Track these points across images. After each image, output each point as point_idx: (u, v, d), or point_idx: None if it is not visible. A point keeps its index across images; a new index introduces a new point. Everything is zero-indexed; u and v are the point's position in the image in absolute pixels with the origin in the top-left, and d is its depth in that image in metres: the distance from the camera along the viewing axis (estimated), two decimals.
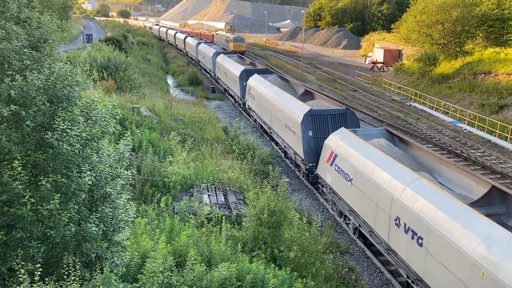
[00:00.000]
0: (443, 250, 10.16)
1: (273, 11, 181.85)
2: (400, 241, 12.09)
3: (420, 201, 11.34)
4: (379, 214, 13.22)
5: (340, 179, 15.94)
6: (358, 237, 15.87)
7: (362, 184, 14.27)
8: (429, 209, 10.89)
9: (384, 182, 12.96)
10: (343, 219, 17.11)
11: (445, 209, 10.55)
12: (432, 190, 11.42)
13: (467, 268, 9.34)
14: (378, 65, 58.69)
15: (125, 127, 19.38)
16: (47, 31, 7.69)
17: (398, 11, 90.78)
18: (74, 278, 6.64)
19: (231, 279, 9.40)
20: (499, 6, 44.63)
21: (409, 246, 11.61)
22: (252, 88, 29.07)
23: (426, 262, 10.86)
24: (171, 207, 13.83)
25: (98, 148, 7.72)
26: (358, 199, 14.65)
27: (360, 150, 14.88)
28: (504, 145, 27.66)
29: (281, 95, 23.84)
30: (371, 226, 13.88)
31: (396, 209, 12.17)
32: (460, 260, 9.56)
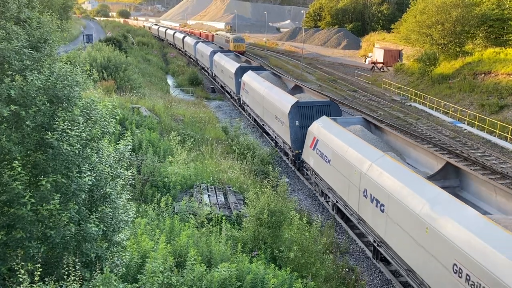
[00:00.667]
0: (399, 213, 12.02)
1: (273, 11, 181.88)
2: (367, 210, 13.97)
3: (383, 174, 13.12)
4: (351, 189, 15.12)
5: (321, 162, 17.77)
6: (336, 212, 17.52)
7: (338, 164, 16.13)
8: (390, 180, 12.70)
9: (355, 160, 14.82)
10: (324, 198, 18.81)
11: (402, 179, 12.35)
12: (393, 165, 13.25)
13: (415, 225, 11.19)
14: (378, 65, 58.70)
15: (125, 127, 19.38)
16: (47, 31, 7.69)
17: (398, 11, 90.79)
18: (74, 278, 6.64)
19: (231, 279, 9.40)
20: (499, 6, 44.65)
21: (374, 213, 13.43)
22: (246, 84, 30.71)
23: (386, 225, 12.72)
24: (171, 207, 13.83)
25: (98, 148, 7.72)
26: (335, 177, 16.52)
27: (338, 135, 16.68)
28: (504, 145, 27.66)
29: (272, 89, 25.46)
30: (345, 200, 15.82)
31: (364, 183, 14.03)
32: (410, 220, 11.42)
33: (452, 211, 10.36)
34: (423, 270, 11.08)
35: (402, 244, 11.98)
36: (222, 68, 40.27)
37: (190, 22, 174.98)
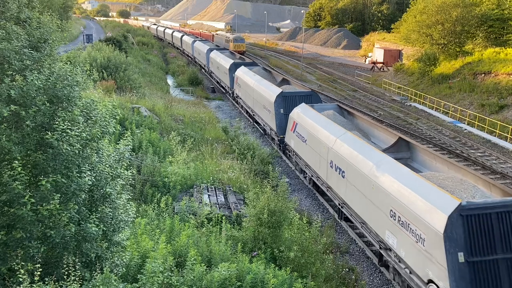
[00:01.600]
0: (354, 176, 14.71)
1: (273, 11, 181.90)
2: (333, 178, 16.66)
3: (344, 147, 15.83)
4: (321, 162, 17.83)
5: (299, 142, 20.42)
6: (312, 186, 20.13)
7: (312, 142, 18.76)
8: (349, 151, 15.39)
9: (324, 137, 17.50)
10: (303, 174, 21.31)
11: (357, 149, 14.99)
12: (352, 139, 15.89)
13: (365, 184, 13.83)
14: (378, 65, 58.70)
15: (125, 127, 19.38)
16: (47, 31, 7.69)
17: (398, 11, 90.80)
18: (74, 278, 6.64)
19: (231, 279, 9.40)
20: (499, 6, 44.65)
21: (338, 180, 16.21)
22: (239, 78, 33.32)
23: (346, 188, 15.45)
24: (171, 207, 13.83)
25: (98, 148, 7.72)
26: (310, 154, 19.15)
27: (313, 118, 19.32)
28: (504, 145, 27.66)
29: (261, 82, 28.03)
30: (317, 172, 18.46)
31: (331, 155, 16.74)
32: (362, 180, 14.06)
33: (391, 170, 12.90)
34: (370, 219, 13.72)
35: (357, 201, 14.67)
36: (217, 65, 42.45)
37: (190, 22, 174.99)
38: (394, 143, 16.05)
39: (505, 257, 10.18)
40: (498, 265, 10.17)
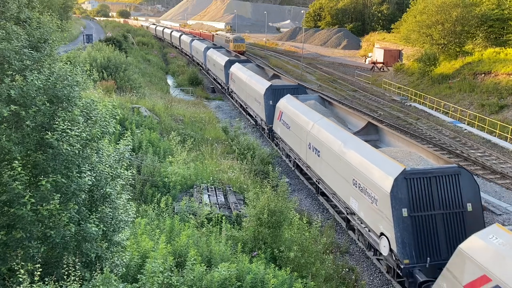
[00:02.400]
0: (327, 154, 17.16)
1: (273, 12, 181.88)
2: (311, 157, 19.11)
3: (320, 130, 18.15)
4: (301, 145, 20.11)
5: (284, 129, 22.61)
6: (296, 168, 22.38)
7: (295, 128, 20.99)
8: (323, 133, 17.76)
9: (304, 123, 19.82)
10: (287, 159, 23.59)
11: (330, 131, 17.46)
12: (327, 123, 18.32)
13: (335, 159, 16.24)
14: (378, 65, 58.70)
15: (125, 127, 19.38)
16: (47, 31, 7.69)
17: (398, 11, 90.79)
18: (74, 278, 6.64)
19: (231, 279, 9.40)
20: (499, 6, 44.65)
21: (315, 159, 18.64)
22: (233, 74, 35.38)
23: (321, 165, 17.88)
24: (171, 207, 13.83)
25: (98, 148, 7.72)
26: (293, 139, 21.40)
27: (296, 107, 21.53)
28: (504, 145, 27.66)
29: (253, 77, 30.17)
30: (299, 154, 20.79)
31: (309, 138, 19.05)
32: (333, 156, 16.47)
33: (354, 146, 15.32)
34: (339, 189, 16.15)
35: (329, 175, 17.10)
36: (214, 62, 44.77)
37: (190, 22, 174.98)
38: (364, 127, 18.66)
39: (440, 212, 12.49)
40: (434, 219, 12.44)
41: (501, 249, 9.02)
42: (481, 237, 9.53)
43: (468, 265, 9.53)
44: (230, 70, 36.55)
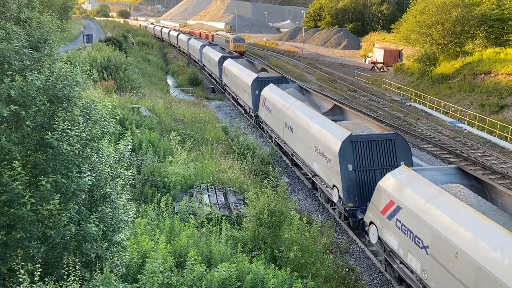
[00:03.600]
0: (299, 130, 20.29)
1: (273, 12, 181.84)
2: (287, 135, 22.37)
3: (294, 111, 21.43)
4: (279, 124, 23.55)
5: (267, 113, 26.00)
6: (276, 145, 25.67)
7: (275, 111, 24.37)
8: (296, 114, 20.98)
9: (282, 106, 23.23)
10: (270, 139, 26.84)
11: (301, 111, 20.74)
12: (300, 105, 21.56)
13: (303, 133, 19.58)
14: (378, 65, 58.69)
15: (125, 127, 19.38)
16: (47, 31, 7.69)
17: (398, 11, 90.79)
18: (74, 278, 6.64)
19: (231, 280, 9.40)
20: (499, 6, 44.65)
21: (289, 135, 21.91)
22: (226, 69, 38.73)
23: (294, 141, 21.17)
24: (171, 207, 13.83)
25: (98, 148, 7.72)
26: (274, 121, 24.69)
27: (277, 94, 24.94)
28: (504, 145, 27.66)
29: (243, 70, 33.51)
30: (278, 133, 24.18)
31: (285, 118, 22.34)
32: (302, 131, 19.78)
33: (318, 121, 18.64)
34: (306, 157, 19.62)
35: (299, 147, 20.54)
36: (209, 59, 48.12)
37: (190, 22, 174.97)
38: (330, 108, 22.44)
39: (378, 168, 15.96)
40: (374, 173, 15.87)
41: (401, 181, 12.56)
42: (392, 175, 13.15)
43: (382, 196, 13.13)
44: (223, 65, 39.61)
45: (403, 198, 12.12)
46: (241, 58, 41.42)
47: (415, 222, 11.52)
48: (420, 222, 11.32)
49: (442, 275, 10.51)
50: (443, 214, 10.67)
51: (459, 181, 12.89)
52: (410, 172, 12.73)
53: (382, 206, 13.08)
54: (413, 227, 11.60)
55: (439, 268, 10.63)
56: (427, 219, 11.05)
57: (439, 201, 11.09)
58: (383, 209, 13.07)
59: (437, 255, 10.70)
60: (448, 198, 11.03)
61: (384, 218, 13.02)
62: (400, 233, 12.23)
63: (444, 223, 10.57)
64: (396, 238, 12.52)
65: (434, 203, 11.13)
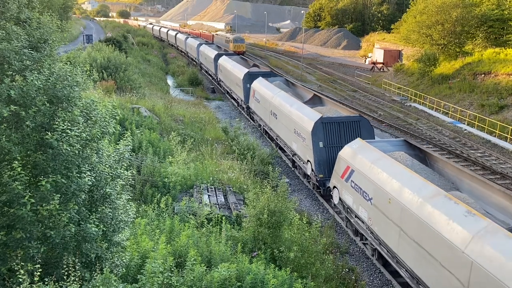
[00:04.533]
0: (281, 117, 23.31)
1: (273, 12, 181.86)
2: (272, 121, 25.32)
3: (278, 100, 24.36)
4: (266, 112, 26.55)
5: (256, 103, 28.88)
6: (264, 133, 28.50)
7: (262, 101, 27.35)
8: (280, 102, 23.98)
9: (268, 96, 26.08)
10: (259, 127, 29.66)
11: (283, 99, 23.83)
12: (284, 95, 24.46)
13: (285, 118, 22.50)
14: (378, 65, 58.70)
15: (125, 127, 19.38)
16: (47, 32, 7.69)
17: (398, 11, 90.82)
18: (74, 279, 6.64)
19: (231, 280, 9.40)
20: (499, 7, 44.65)
21: (274, 122, 24.91)
22: (221, 65, 41.72)
23: (278, 126, 24.16)
24: (171, 207, 13.83)
25: (98, 148, 7.71)
26: (261, 110, 27.71)
27: (264, 86, 27.90)
28: (504, 146, 27.66)
29: (235, 66, 36.65)
30: (265, 121, 27.08)
31: (271, 107, 25.27)
32: (285, 117, 22.62)
33: (297, 107, 21.70)
34: (287, 138, 22.71)
35: (281, 130, 23.63)
36: (205, 56, 51.13)
37: (190, 22, 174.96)
38: (311, 98, 25.39)
39: (344, 145, 17.12)
40: (341, 149, 17.03)
41: (355, 150, 15.60)
42: (349, 145, 16.35)
43: (341, 163, 16.25)
44: (218, 62, 42.63)
45: (356, 163, 15.16)
46: (235, 55, 44.83)
47: (363, 180, 14.48)
48: (366, 180, 14.26)
49: (380, 219, 13.43)
50: (382, 171, 13.62)
51: (404, 150, 15.78)
52: (362, 143, 15.78)
53: (341, 171, 16.21)
54: (362, 184, 14.57)
55: (379, 213, 13.53)
56: (371, 177, 13.98)
57: (381, 162, 14.04)
58: (342, 174, 16.19)
59: (377, 204, 13.61)
60: (387, 160, 14.02)
61: (343, 181, 16.11)
62: (354, 191, 15.18)
63: (382, 178, 13.48)
64: (351, 196, 15.50)
65: (376, 164, 14.07)
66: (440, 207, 10.92)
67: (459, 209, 10.62)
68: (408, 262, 12.02)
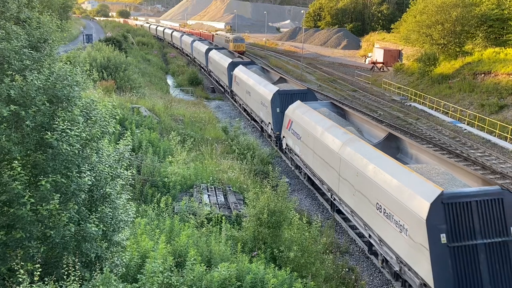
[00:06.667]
0: (253, 94, 29.01)
1: (273, 11, 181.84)
2: (246, 99, 31.25)
3: (251, 81, 30.00)
4: (243, 92, 32.27)
5: (238, 87, 34.22)
6: (243, 110, 34.30)
7: (241, 84, 32.79)
8: (253, 83, 29.47)
9: (244, 78, 31.93)
10: (240, 106, 35.32)
11: (256, 81, 29.21)
12: (256, 77, 30.09)
13: (255, 95, 28.49)
14: (378, 65, 58.68)
15: (125, 127, 19.37)
16: (47, 31, 7.69)
17: (398, 11, 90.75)
18: (74, 278, 6.64)
19: (231, 279, 9.40)
20: (499, 6, 44.62)
21: (248, 99, 30.63)
22: (210, 58, 47.88)
23: (251, 101, 29.83)
24: (171, 207, 13.83)
25: (98, 148, 7.71)
26: (240, 92, 33.36)
27: (243, 72, 33.29)
28: (504, 145, 27.66)
29: (222, 57, 43.07)
30: (242, 99, 32.98)
31: (246, 87, 30.90)
32: (256, 93, 28.27)
33: (263, 85, 27.50)
34: (256, 109, 28.44)
35: (253, 104, 29.41)
36: (198, 51, 57.37)
37: (190, 22, 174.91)
38: (278, 79, 31.03)
39: None
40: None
41: (294, 107, 21.83)
42: (291, 106, 22.39)
43: (286, 118, 22.53)
44: (209, 55, 48.96)
45: (294, 116, 21.47)
46: (223, 49, 52.11)
47: (297, 127, 20.74)
48: (299, 126, 20.54)
49: (305, 149, 19.88)
50: (308, 118, 19.94)
51: (329, 108, 21.57)
52: (300, 103, 22.05)
53: (286, 124, 22.52)
54: (297, 130, 20.83)
55: (304, 146, 19.94)
56: (301, 123, 20.34)
57: (308, 113, 20.35)
58: (286, 126, 22.49)
59: (304, 140, 19.99)
60: (312, 112, 20.22)
61: (287, 131, 22.28)
62: (293, 136, 21.41)
63: (307, 122, 19.84)
64: (291, 139, 21.77)
65: (305, 114, 20.43)
66: (331, 132, 17.44)
67: (340, 132, 17.12)
68: (317, 171, 18.62)
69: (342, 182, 15.70)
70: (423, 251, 10.73)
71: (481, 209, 10.91)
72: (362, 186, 14.06)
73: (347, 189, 15.37)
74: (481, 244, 10.74)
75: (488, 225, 10.89)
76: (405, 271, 12.03)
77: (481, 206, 10.93)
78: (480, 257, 10.70)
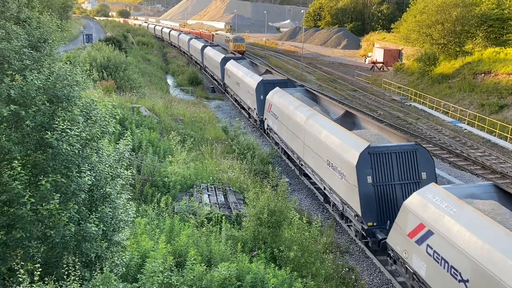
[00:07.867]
0: (242, 85, 32.59)
1: (273, 11, 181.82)
2: (237, 89, 34.72)
3: (240, 73, 33.56)
4: (234, 84, 35.61)
5: (228, 79, 38.05)
6: (234, 101, 36.96)
7: (232, 77, 36.09)
8: (242, 75, 32.98)
9: (234, 71, 35.23)
10: (231, 97, 38.84)
11: (244, 73, 32.84)
12: (245, 70, 33.30)
13: (243, 85, 32.15)
14: (378, 65, 58.67)
15: (125, 127, 19.37)
16: (47, 31, 7.69)
17: (398, 11, 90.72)
18: (74, 278, 6.64)
19: (231, 279, 9.40)
20: (499, 6, 44.62)
21: (238, 89, 34.24)
22: (206, 54, 51.65)
23: (240, 91, 33.70)
24: (171, 207, 13.83)
25: (98, 148, 7.71)
26: (231, 83, 36.76)
27: (234, 66, 36.50)
28: (504, 145, 27.66)
29: (216, 53, 47.19)
30: (234, 90, 36.15)
31: (236, 79, 34.16)
32: (244, 83, 31.98)
33: (250, 76, 30.99)
34: (244, 98, 31.80)
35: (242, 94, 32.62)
36: (194, 48, 60.69)
37: (190, 22, 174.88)
38: (264, 71, 34.67)
39: None
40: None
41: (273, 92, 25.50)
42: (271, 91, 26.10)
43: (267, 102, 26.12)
44: (204, 51, 52.52)
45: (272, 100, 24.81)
46: (218, 46, 55.44)
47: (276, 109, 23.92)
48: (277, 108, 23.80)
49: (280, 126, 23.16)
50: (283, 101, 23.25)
51: (303, 93, 24.78)
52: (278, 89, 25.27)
53: (267, 107, 25.82)
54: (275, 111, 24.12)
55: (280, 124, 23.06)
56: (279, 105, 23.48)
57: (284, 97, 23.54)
58: (267, 108, 25.76)
59: (280, 119, 23.09)
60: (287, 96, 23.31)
61: (268, 113, 25.63)
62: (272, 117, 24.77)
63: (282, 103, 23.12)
64: (271, 120, 25.07)
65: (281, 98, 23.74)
66: (299, 110, 20.62)
67: (305, 109, 20.38)
68: (289, 143, 21.83)
69: (306, 149, 19.42)
70: (354, 189, 14.27)
71: (399, 159, 14.59)
72: (319, 149, 17.61)
73: (309, 153, 19.01)
74: (398, 184, 14.40)
75: (404, 170, 14.50)
76: (346, 209, 15.57)
77: (399, 156, 14.61)
78: (397, 193, 14.25)
